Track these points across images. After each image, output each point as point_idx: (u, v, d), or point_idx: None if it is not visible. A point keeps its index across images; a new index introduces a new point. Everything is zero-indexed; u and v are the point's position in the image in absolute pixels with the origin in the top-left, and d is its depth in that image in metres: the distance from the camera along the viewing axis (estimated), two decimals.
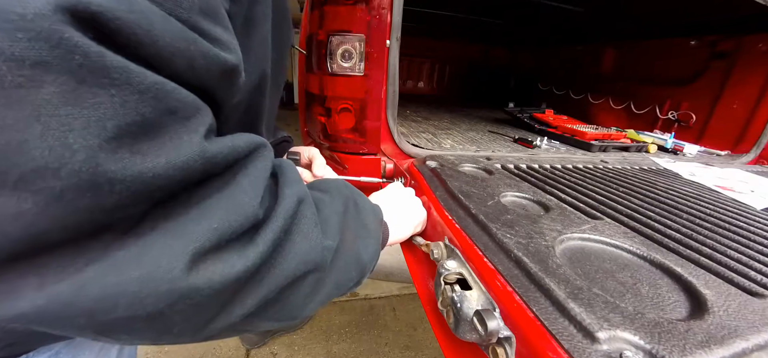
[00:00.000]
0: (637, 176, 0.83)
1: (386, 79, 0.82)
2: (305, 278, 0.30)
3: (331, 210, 0.35)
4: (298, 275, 0.29)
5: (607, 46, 1.84)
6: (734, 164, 1.13)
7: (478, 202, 0.54)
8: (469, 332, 0.34)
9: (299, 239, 0.29)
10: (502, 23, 2.18)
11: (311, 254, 0.30)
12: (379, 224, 0.44)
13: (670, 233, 0.50)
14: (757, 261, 0.44)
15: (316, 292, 0.32)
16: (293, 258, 0.28)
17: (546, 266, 0.38)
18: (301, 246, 0.29)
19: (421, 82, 2.75)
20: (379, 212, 0.44)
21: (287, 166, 0.32)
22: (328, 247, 0.32)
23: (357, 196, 0.41)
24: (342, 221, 0.36)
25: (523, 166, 0.83)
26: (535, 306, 0.32)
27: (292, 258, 0.28)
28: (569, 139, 1.27)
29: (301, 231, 0.29)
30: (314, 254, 0.30)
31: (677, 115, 1.45)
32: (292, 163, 0.34)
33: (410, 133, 1.22)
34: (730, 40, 1.29)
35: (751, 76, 1.23)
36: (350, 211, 0.38)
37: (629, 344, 0.29)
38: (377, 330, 1.43)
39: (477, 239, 0.44)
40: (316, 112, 0.91)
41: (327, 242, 0.32)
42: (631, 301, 0.35)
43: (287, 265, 0.28)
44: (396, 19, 0.78)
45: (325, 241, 0.32)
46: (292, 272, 0.28)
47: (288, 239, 0.28)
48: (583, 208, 0.57)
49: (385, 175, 0.84)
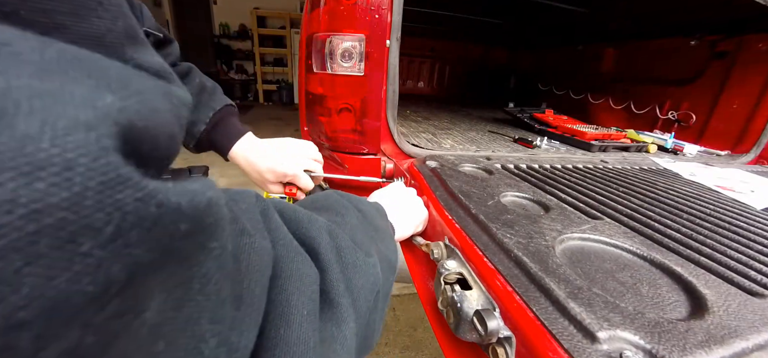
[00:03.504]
0: (637, 176, 0.83)
1: (386, 79, 0.82)
2: (375, 306, 0.29)
3: (352, 228, 0.33)
4: (370, 306, 0.28)
5: (607, 46, 1.84)
6: (734, 164, 1.12)
7: (478, 202, 0.54)
8: (469, 332, 0.34)
9: (353, 272, 0.27)
10: (502, 23, 2.18)
11: (370, 279, 0.29)
12: (385, 220, 0.44)
13: (671, 233, 0.50)
14: (757, 261, 0.44)
15: (380, 313, 0.31)
16: (362, 294, 0.27)
17: (546, 265, 0.38)
18: (360, 278, 0.28)
19: (421, 82, 2.75)
20: (382, 209, 0.45)
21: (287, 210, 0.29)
22: (374, 263, 0.31)
23: (357, 203, 0.40)
24: (364, 234, 0.34)
25: (523, 166, 0.83)
26: (535, 306, 0.32)
27: (361, 295, 0.27)
28: (569, 139, 1.27)
29: (348, 265, 0.27)
30: (371, 277, 0.29)
31: (677, 115, 1.45)
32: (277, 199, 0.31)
33: (410, 133, 1.22)
34: (730, 40, 1.29)
35: (751, 76, 1.23)
36: (362, 221, 0.37)
37: (629, 344, 0.29)
38: None
39: (477, 238, 0.44)
40: (317, 112, 0.91)
41: (370, 259, 0.31)
42: (631, 301, 0.35)
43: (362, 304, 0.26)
44: (396, 19, 0.78)
45: (368, 259, 0.30)
46: (366, 307, 0.27)
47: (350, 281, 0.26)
48: (583, 208, 0.57)
49: (385, 175, 0.84)
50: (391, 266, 0.37)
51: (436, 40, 2.57)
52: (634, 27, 1.66)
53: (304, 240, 0.26)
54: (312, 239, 0.26)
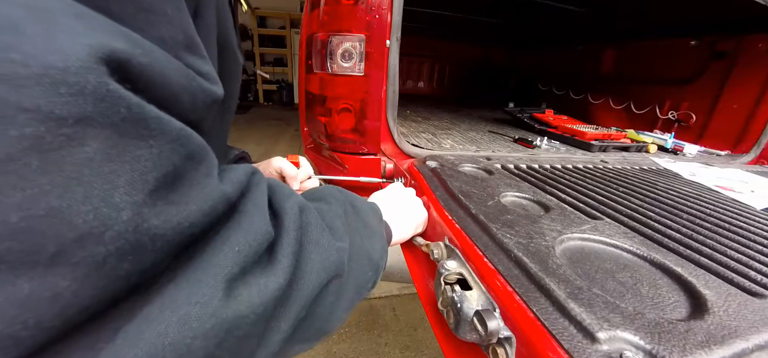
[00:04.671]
0: (637, 176, 0.83)
1: (386, 79, 0.82)
2: (328, 286, 0.30)
3: (333, 215, 0.35)
4: (322, 283, 0.28)
5: (607, 46, 1.84)
6: (734, 164, 1.12)
7: (478, 202, 0.54)
8: (470, 332, 0.34)
9: (312, 247, 0.28)
10: (502, 23, 2.18)
11: (329, 259, 0.29)
12: (380, 221, 0.44)
13: (671, 233, 0.50)
14: (757, 261, 0.44)
15: (339, 299, 0.32)
16: (313, 267, 0.27)
17: (546, 266, 0.38)
18: (317, 254, 0.28)
19: (421, 82, 2.75)
20: (377, 209, 0.45)
21: (276, 184, 0.32)
22: (341, 248, 0.32)
23: (352, 198, 0.41)
24: (345, 223, 0.35)
25: (523, 166, 0.83)
26: (536, 306, 0.32)
27: (312, 268, 0.27)
28: (569, 139, 1.27)
29: (311, 240, 0.28)
30: (332, 258, 0.30)
31: (677, 115, 1.45)
32: (279, 181, 0.34)
33: (410, 133, 1.22)
34: (730, 40, 1.29)
35: (751, 76, 1.23)
36: (349, 213, 0.38)
37: (629, 345, 0.29)
38: (377, 330, 1.43)
39: (477, 239, 0.44)
40: (317, 113, 0.91)
41: (339, 243, 0.32)
42: (631, 301, 0.35)
43: (310, 276, 0.27)
44: (396, 19, 0.78)
45: (336, 243, 0.31)
46: (316, 282, 0.27)
47: (303, 250, 0.27)
48: (583, 208, 0.57)
49: (385, 175, 0.84)
50: (373, 264, 0.37)
51: (436, 40, 2.58)
52: (634, 27, 1.66)
53: (275, 206, 0.28)
54: (282, 209, 0.28)
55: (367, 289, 0.37)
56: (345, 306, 0.33)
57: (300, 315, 0.26)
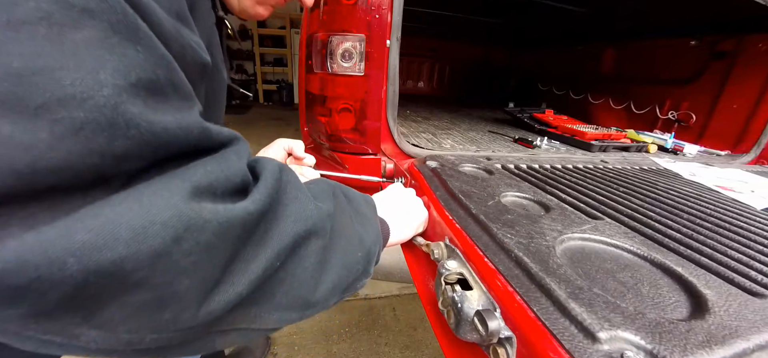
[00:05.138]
0: (638, 176, 0.83)
1: (386, 79, 0.82)
2: (307, 245, 0.29)
3: (319, 190, 0.36)
4: (298, 233, 0.28)
5: (607, 46, 1.84)
6: (734, 164, 1.13)
7: (478, 202, 0.54)
8: (470, 332, 0.34)
9: (288, 200, 0.29)
10: (502, 23, 2.18)
11: (306, 212, 0.29)
12: (373, 211, 0.44)
13: (671, 233, 0.50)
14: (758, 261, 0.44)
15: (323, 267, 0.31)
16: (289, 215, 0.28)
17: (547, 266, 0.38)
18: (294, 205, 0.29)
19: (421, 82, 2.75)
20: (372, 202, 0.45)
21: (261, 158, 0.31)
22: (321, 208, 0.32)
23: (346, 189, 0.42)
24: (332, 200, 0.36)
25: (523, 166, 0.83)
26: (536, 306, 0.32)
27: (287, 214, 0.28)
28: (569, 139, 1.27)
29: (288, 193, 0.29)
30: (309, 211, 0.30)
31: (677, 115, 1.45)
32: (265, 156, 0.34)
33: (410, 133, 1.22)
34: (730, 40, 1.29)
35: (751, 76, 1.23)
36: (340, 197, 0.38)
37: (630, 344, 0.29)
38: (377, 330, 1.43)
39: (477, 239, 0.44)
40: (317, 112, 0.91)
41: (320, 204, 0.32)
42: (632, 301, 0.35)
43: (286, 221, 0.27)
44: (396, 19, 0.77)
45: (317, 202, 0.31)
46: (291, 230, 0.27)
47: (279, 200, 0.28)
48: (583, 208, 0.57)
49: (385, 175, 0.84)
50: (364, 247, 0.37)
51: (436, 40, 2.57)
52: (634, 27, 1.66)
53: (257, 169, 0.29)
54: (263, 168, 0.28)
55: (356, 272, 0.36)
56: (331, 279, 0.32)
57: (274, 263, 0.26)
